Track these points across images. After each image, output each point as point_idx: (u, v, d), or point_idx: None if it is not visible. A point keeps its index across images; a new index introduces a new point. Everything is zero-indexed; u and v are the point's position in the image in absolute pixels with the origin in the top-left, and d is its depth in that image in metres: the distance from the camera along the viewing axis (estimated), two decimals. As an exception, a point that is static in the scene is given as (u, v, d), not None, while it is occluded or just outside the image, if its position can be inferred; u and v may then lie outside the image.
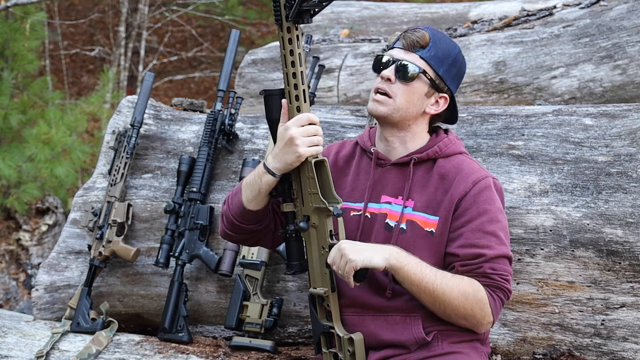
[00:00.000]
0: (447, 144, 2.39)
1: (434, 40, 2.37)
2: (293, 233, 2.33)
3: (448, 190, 2.31)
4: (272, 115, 2.30)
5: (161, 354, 2.96)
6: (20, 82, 6.73)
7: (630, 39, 3.77)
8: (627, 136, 2.79)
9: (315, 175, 2.25)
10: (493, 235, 2.26)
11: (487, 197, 2.30)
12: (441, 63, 2.36)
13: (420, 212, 2.32)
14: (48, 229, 6.44)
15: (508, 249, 2.29)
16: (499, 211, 2.31)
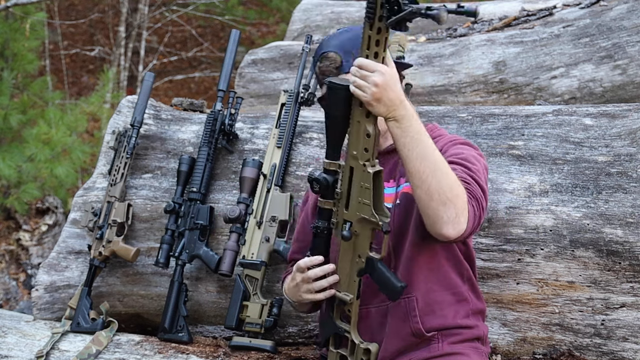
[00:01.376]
0: (430, 127, 2.39)
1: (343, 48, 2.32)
2: (325, 230, 2.26)
3: None
4: (333, 112, 2.17)
5: (161, 354, 2.96)
6: (20, 82, 6.73)
7: (630, 39, 3.77)
8: (627, 136, 2.79)
9: (372, 186, 2.13)
10: (469, 171, 2.23)
11: (463, 145, 2.33)
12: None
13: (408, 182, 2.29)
14: (48, 229, 6.45)
15: (483, 183, 2.25)
16: (475, 158, 2.29)
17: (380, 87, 2.04)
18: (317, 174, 2.22)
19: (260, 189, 3.07)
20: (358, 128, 2.12)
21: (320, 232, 2.26)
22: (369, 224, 2.16)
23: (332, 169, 2.20)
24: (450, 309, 2.31)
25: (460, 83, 4.09)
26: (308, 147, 3.15)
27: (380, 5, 1.99)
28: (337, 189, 2.21)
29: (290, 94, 3.18)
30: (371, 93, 2.05)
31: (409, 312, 2.28)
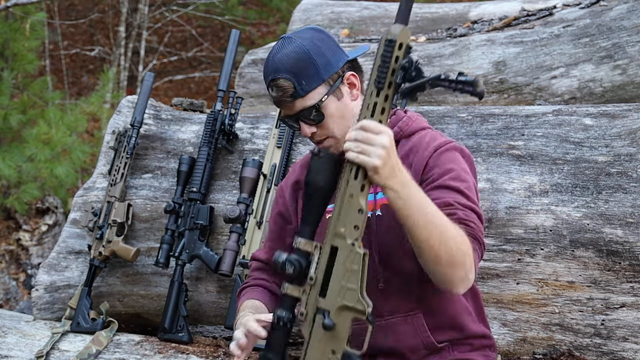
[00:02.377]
0: (407, 122, 2.26)
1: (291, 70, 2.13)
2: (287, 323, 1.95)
3: (412, 164, 2.16)
4: (318, 183, 1.91)
5: (161, 354, 2.96)
6: (20, 82, 6.73)
7: (630, 39, 3.76)
8: (627, 136, 2.79)
9: (361, 269, 1.86)
10: (458, 191, 2.10)
11: (448, 159, 2.16)
12: (316, 74, 2.15)
13: None
14: (48, 229, 6.44)
15: (477, 206, 2.13)
16: (462, 171, 2.15)
17: (388, 150, 1.86)
18: (286, 257, 1.90)
19: (260, 189, 3.07)
20: (350, 202, 1.87)
21: (283, 324, 1.95)
22: (351, 312, 1.87)
23: (306, 249, 1.91)
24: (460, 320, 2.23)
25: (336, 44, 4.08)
26: (308, 147, 3.15)
27: (393, 72, 1.85)
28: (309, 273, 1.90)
29: (290, 94, 3.17)
30: (379, 156, 1.84)
31: (417, 329, 2.19)
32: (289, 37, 2.18)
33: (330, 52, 2.18)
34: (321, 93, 2.15)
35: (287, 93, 2.14)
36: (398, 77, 1.84)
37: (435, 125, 3.07)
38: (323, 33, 2.21)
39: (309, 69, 2.14)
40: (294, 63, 2.13)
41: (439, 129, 3.05)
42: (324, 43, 2.18)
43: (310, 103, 2.15)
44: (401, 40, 1.88)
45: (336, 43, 2.22)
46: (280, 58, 2.15)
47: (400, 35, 1.88)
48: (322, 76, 2.15)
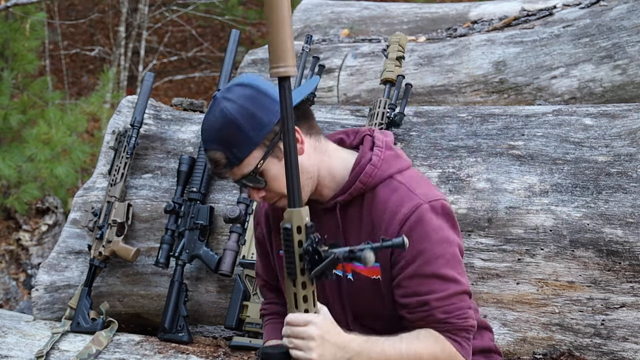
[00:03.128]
0: (370, 173, 2.04)
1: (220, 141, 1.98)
2: None
3: (379, 234, 2.00)
4: None
5: (161, 354, 2.96)
6: (20, 82, 6.73)
7: (630, 39, 3.76)
8: (627, 136, 2.79)
9: None
10: (434, 277, 1.98)
11: (419, 235, 1.97)
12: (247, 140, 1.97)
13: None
14: (48, 229, 6.44)
15: (459, 282, 2.00)
16: (437, 244, 1.98)
17: (319, 338, 1.81)
18: None
19: (260, 189, 3.07)
20: None
21: None
22: None
23: None
24: None
25: (460, 83, 4.09)
26: (308, 147, 3.15)
27: (300, 258, 1.79)
28: None
29: (290, 94, 3.17)
30: (312, 349, 1.81)
31: None
32: (215, 99, 2.00)
33: (262, 109, 1.97)
34: (257, 157, 1.98)
35: (220, 164, 2.00)
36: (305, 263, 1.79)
37: (435, 125, 3.07)
38: (252, 88, 1.99)
39: (238, 135, 1.96)
40: (220, 132, 1.97)
41: (439, 129, 3.05)
42: (253, 101, 1.97)
43: (248, 170, 1.99)
44: (297, 223, 1.79)
45: (269, 94, 1.99)
46: (207, 128, 2.00)
47: (294, 219, 1.79)
48: (254, 140, 1.96)
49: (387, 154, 2.08)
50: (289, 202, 1.79)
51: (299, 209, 1.79)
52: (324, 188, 2.08)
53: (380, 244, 1.77)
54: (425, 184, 2.09)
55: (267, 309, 2.40)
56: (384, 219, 2.00)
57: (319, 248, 1.79)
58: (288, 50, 1.71)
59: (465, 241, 2.80)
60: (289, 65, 1.71)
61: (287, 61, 1.71)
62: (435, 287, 1.98)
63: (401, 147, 3.03)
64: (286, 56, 1.71)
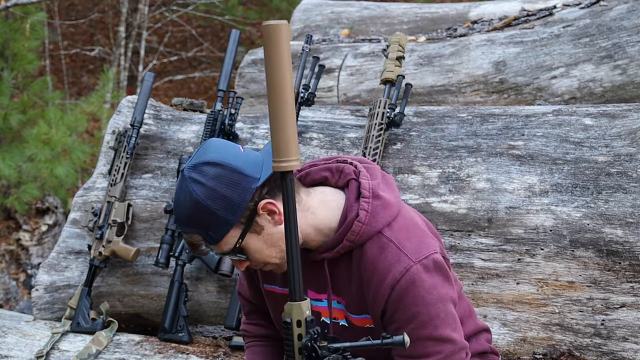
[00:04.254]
0: (357, 231, 1.97)
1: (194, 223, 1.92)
2: None
3: (369, 294, 1.98)
4: None
5: (161, 354, 2.96)
6: (20, 82, 6.73)
7: (630, 39, 3.76)
8: (627, 136, 2.79)
9: None
10: (429, 339, 1.94)
11: (411, 299, 1.93)
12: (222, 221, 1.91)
13: (355, 314, 2.04)
14: (48, 229, 6.44)
15: (454, 341, 1.98)
16: (431, 305, 1.94)
17: None
18: None
19: (260, 189, 3.07)
20: None
21: None
22: None
23: None
24: None
25: (460, 83, 4.09)
26: (308, 147, 3.15)
27: (299, 352, 1.81)
28: None
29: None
30: None
31: None
32: (184, 178, 1.92)
33: (233, 189, 1.90)
34: (235, 236, 1.93)
35: (199, 245, 1.96)
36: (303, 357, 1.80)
37: (435, 125, 3.07)
38: (220, 166, 1.90)
39: (211, 218, 1.90)
40: (193, 217, 1.91)
41: (439, 129, 3.05)
42: (223, 182, 1.89)
43: (228, 248, 1.95)
44: (297, 317, 1.80)
45: (239, 169, 1.91)
46: (179, 211, 1.94)
47: (294, 313, 1.80)
48: (229, 221, 1.90)
49: (374, 204, 2.00)
50: (290, 296, 1.79)
51: (299, 302, 1.80)
52: (311, 242, 2.01)
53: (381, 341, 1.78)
54: (415, 235, 2.01)
55: (249, 331, 2.33)
56: (373, 281, 1.96)
57: (318, 344, 1.80)
58: (291, 144, 1.72)
59: (465, 241, 2.80)
60: (292, 160, 1.72)
61: (290, 155, 1.72)
62: (429, 349, 1.95)
63: (401, 147, 3.04)
64: (289, 150, 1.72)
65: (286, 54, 1.71)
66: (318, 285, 2.05)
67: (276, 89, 1.71)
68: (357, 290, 2.00)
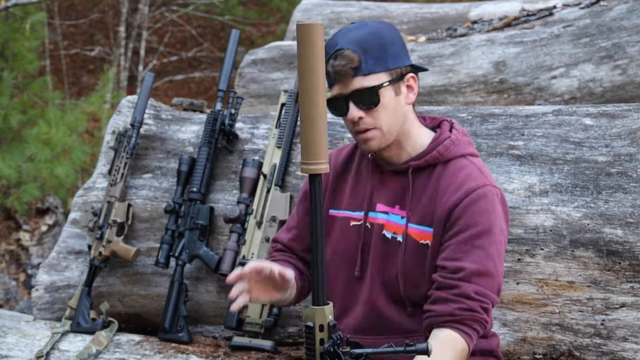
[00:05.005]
0: (448, 146, 2.15)
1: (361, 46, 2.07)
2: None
3: (441, 200, 2.10)
4: None
5: (161, 354, 2.96)
6: (20, 82, 6.73)
7: (630, 39, 3.77)
8: (627, 136, 2.79)
9: None
10: (480, 249, 2.05)
11: (480, 208, 2.06)
12: (384, 60, 2.09)
13: (416, 224, 2.13)
14: (48, 229, 6.45)
15: (498, 269, 2.08)
16: (494, 225, 2.07)
17: None
18: None
19: (260, 189, 3.07)
20: None
21: None
22: None
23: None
24: None
25: (460, 83, 4.09)
26: (308, 147, 3.15)
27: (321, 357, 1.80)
28: None
29: (290, 94, 3.18)
30: None
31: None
32: (365, 22, 2.15)
33: (400, 48, 2.12)
34: (382, 79, 2.09)
35: (351, 65, 2.06)
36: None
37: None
38: (397, 30, 2.16)
39: (379, 51, 2.07)
40: (366, 40, 2.07)
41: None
42: (397, 38, 2.13)
43: (369, 84, 2.08)
44: (320, 322, 1.80)
45: (405, 46, 2.16)
46: (354, 33, 2.09)
47: (317, 318, 1.80)
48: (388, 64, 2.09)
49: (464, 138, 2.20)
50: (313, 300, 1.81)
51: (322, 307, 1.80)
52: (402, 150, 2.17)
53: (404, 348, 1.79)
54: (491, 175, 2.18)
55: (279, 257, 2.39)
56: (450, 188, 2.09)
57: (341, 349, 1.80)
58: (321, 146, 1.73)
59: (465, 241, 2.80)
60: (321, 163, 1.73)
61: (320, 158, 1.73)
62: (476, 258, 2.04)
63: (401, 147, 3.03)
64: (320, 153, 1.73)
65: (320, 55, 1.71)
66: (391, 198, 2.16)
67: (309, 91, 1.70)
68: (429, 200, 2.12)
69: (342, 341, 1.81)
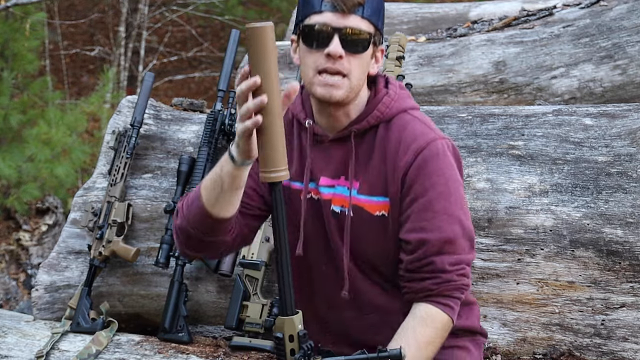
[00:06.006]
0: (388, 104, 2.02)
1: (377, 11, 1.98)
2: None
3: (392, 165, 1.98)
4: None
5: (161, 354, 2.96)
6: (20, 82, 6.73)
7: (630, 39, 3.77)
8: (627, 136, 2.79)
9: None
10: (443, 213, 1.94)
11: (433, 168, 1.95)
12: (378, 15, 1.98)
13: (367, 195, 2.00)
14: (48, 229, 6.45)
15: (464, 224, 1.97)
16: (450, 181, 1.96)
17: None
18: None
19: (260, 189, 3.07)
20: None
21: None
22: None
23: None
24: None
25: (460, 83, 4.09)
26: (308, 147, 3.15)
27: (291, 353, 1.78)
28: None
29: (290, 94, 3.18)
30: None
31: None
32: None
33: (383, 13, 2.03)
34: (372, 32, 1.96)
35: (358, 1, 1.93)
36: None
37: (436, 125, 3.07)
38: None
39: (379, 5, 1.97)
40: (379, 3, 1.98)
41: (439, 129, 3.05)
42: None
43: (365, 29, 1.94)
44: (290, 332, 1.78)
45: None
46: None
47: (286, 328, 1.78)
48: (379, 23, 1.99)
49: (402, 92, 2.07)
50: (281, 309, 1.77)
51: (291, 317, 1.77)
52: (346, 114, 2.02)
53: (377, 354, 1.77)
54: (436, 126, 2.07)
55: None
56: (398, 149, 1.97)
57: (312, 359, 1.78)
58: (279, 153, 1.70)
59: (465, 241, 2.80)
60: (281, 170, 1.71)
61: (279, 165, 1.70)
62: (442, 224, 1.94)
63: (401, 147, 3.03)
64: (278, 160, 1.70)
65: (273, 57, 1.65)
66: (335, 169, 2.02)
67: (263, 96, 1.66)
68: (378, 167, 1.99)
69: (313, 351, 1.78)
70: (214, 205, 1.89)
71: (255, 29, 1.63)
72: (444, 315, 1.99)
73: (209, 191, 1.89)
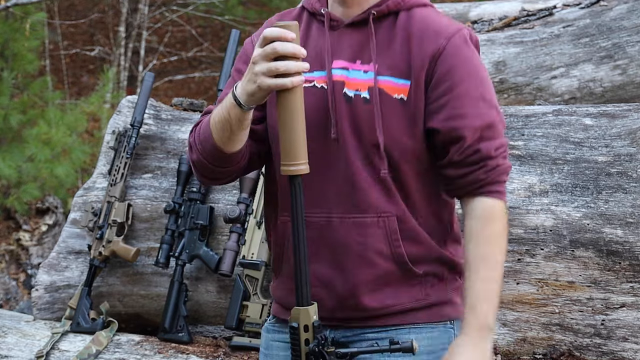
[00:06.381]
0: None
1: None
2: None
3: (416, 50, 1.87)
4: None
5: (161, 354, 2.96)
6: (20, 82, 6.74)
7: (630, 39, 3.77)
8: (627, 136, 2.79)
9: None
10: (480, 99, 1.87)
11: (467, 55, 1.88)
12: None
13: (386, 76, 1.89)
14: (48, 229, 6.45)
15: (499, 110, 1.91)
16: (482, 68, 1.91)
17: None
18: None
19: (260, 189, 3.07)
20: None
21: None
22: None
23: None
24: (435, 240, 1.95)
25: None
26: (308, 147, 3.15)
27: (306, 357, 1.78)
28: None
29: (290, 94, 3.17)
30: None
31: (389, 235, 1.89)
32: None
33: None
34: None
35: None
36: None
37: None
38: None
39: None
40: None
41: (439, 129, 3.05)
42: None
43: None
44: (304, 322, 1.77)
45: None
46: None
47: (301, 318, 1.77)
48: None
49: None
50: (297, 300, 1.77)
51: (307, 307, 1.77)
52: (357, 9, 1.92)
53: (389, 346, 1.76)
54: None
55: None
56: (427, 33, 1.88)
57: (326, 349, 1.77)
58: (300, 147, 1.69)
59: (465, 241, 2.80)
60: (300, 164, 1.70)
61: (299, 159, 1.70)
62: (481, 110, 1.86)
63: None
64: (298, 154, 1.70)
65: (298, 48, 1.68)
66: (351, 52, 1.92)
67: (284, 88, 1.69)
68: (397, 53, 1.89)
69: (327, 341, 1.79)
70: (226, 143, 1.89)
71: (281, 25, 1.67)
72: (500, 203, 1.89)
73: (219, 132, 1.88)
